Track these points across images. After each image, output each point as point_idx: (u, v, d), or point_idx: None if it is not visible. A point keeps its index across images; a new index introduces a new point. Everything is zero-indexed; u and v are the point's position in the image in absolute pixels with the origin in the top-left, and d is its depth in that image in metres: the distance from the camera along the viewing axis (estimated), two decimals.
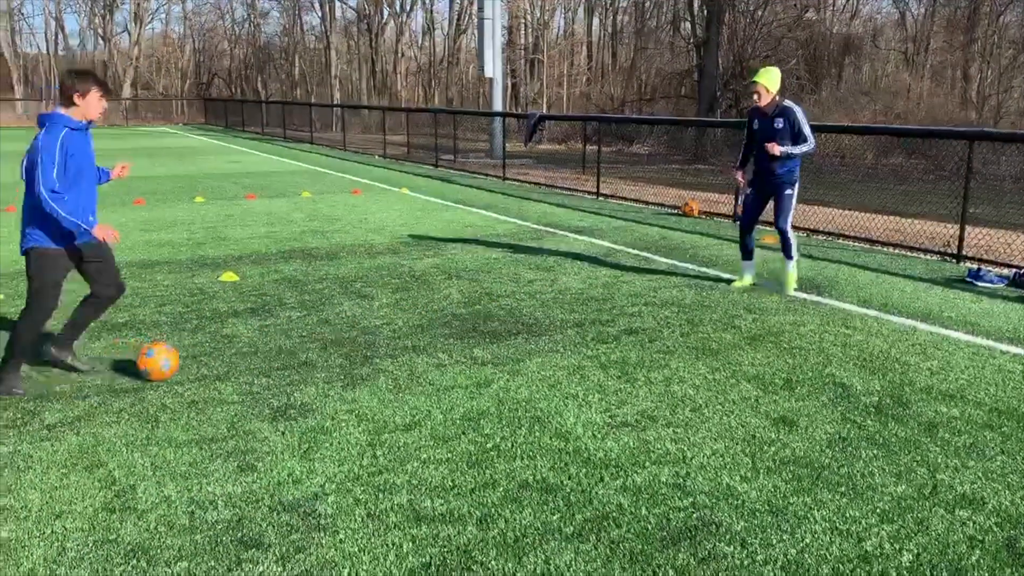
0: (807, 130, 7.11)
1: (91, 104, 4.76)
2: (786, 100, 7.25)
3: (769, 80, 7.18)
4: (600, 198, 14.39)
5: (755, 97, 7.27)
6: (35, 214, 4.70)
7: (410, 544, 3.27)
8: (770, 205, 7.52)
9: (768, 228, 8.14)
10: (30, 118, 42.78)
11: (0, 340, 5.87)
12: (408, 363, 5.42)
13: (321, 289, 7.44)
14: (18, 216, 5.09)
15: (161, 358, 5.00)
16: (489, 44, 22.41)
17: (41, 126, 4.70)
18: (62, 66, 53.85)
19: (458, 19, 45.46)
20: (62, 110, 4.73)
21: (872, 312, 6.76)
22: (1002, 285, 7.69)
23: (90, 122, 4.83)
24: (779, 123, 7.14)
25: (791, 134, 7.13)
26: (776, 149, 7.04)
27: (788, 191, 7.33)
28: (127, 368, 5.25)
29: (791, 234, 7.45)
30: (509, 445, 4.18)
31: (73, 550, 3.23)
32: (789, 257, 7.47)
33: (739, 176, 7.85)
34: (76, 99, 4.71)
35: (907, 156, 18.13)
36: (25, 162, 4.71)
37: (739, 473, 3.88)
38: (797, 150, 7.11)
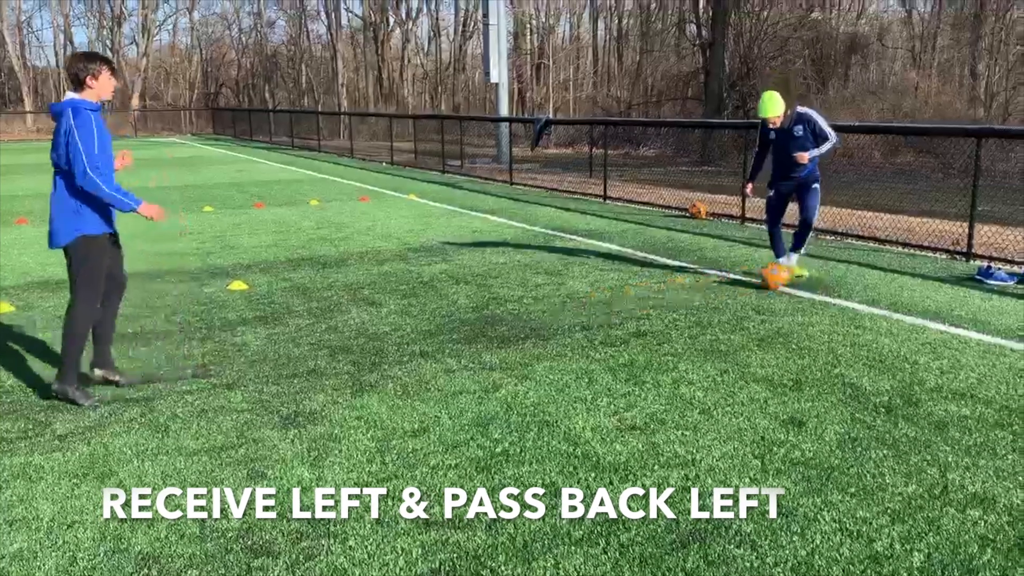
0: (827, 129, 7.36)
1: (103, 84, 4.75)
2: (799, 107, 7.41)
3: (776, 108, 7.44)
4: (607, 201, 14.39)
5: (773, 125, 7.42)
6: (76, 200, 4.70)
7: (419, 550, 3.28)
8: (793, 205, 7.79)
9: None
10: (40, 131, 43.09)
11: (10, 349, 5.92)
12: (416, 369, 5.43)
13: (329, 296, 7.47)
14: (43, 211, 5.06)
15: (783, 272, 6.93)
16: (495, 50, 22.45)
17: (59, 114, 4.64)
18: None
19: (463, 25, 45.62)
20: (76, 95, 4.69)
21: (881, 311, 6.73)
22: (1012, 283, 7.65)
23: (102, 103, 4.82)
24: (799, 130, 7.36)
25: (813, 137, 7.33)
26: (805, 158, 7.27)
27: (815, 185, 7.57)
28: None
29: (811, 230, 7.72)
30: (518, 450, 4.18)
31: (84, 560, 3.25)
32: (798, 248, 7.73)
33: (748, 189, 8.16)
34: (89, 81, 4.69)
35: (915, 154, 18.06)
36: (53, 150, 4.66)
37: (748, 475, 3.87)
38: (822, 151, 7.38)
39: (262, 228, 11.61)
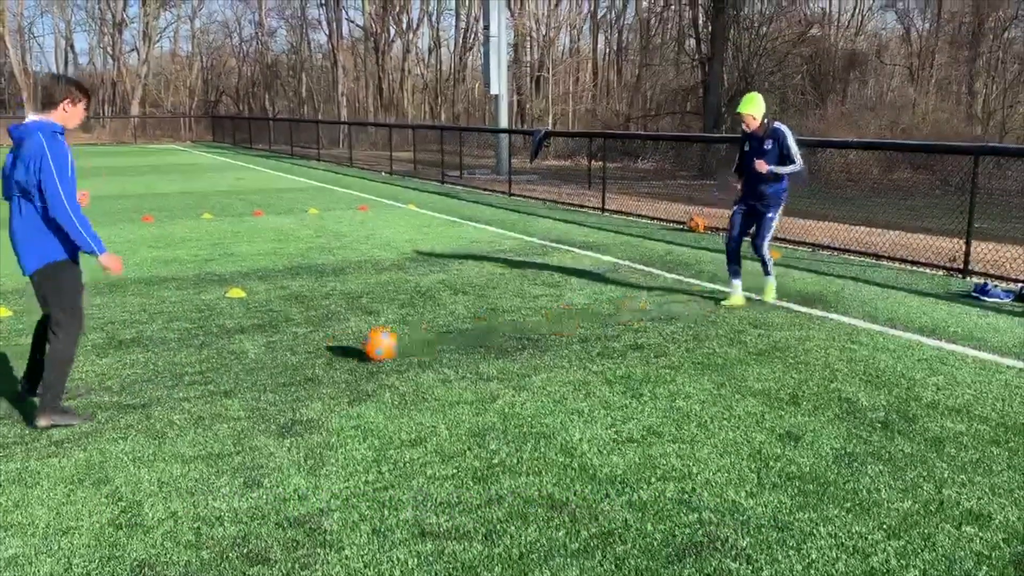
0: (794, 152, 7.25)
1: (77, 114, 4.62)
2: (775, 122, 7.38)
3: (754, 107, 7.29)
4: (606, 214, 14.42)
5: (744, 126, 7.38)
6: (41, 225, 4.49)
7: (415, 560, 3.28)
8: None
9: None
10: None
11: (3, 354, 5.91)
12: (414, 379, 5.43)
13: (327, 305, 7.47)
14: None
15: (383, 340, 5.62)
16: (495, 61, 22.52)
17: (25, 136, 4.45)
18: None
19: (464, 37, 45.77)
20: (45, 116, 4.53)
21: (878, 327, 6.75)
22: (1008, 300, 7.68)
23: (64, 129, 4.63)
24: (768, 144, 7.30)
25: (779, 155, 7.27)
26: (763, 167, 7.19)
27: (771, 214, 7.46)
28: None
29: (768, 256, 7.60)
30: (515, 461, 4.18)
31: (80, 566, 3.24)
32: (767, 275, 7.66)
33: (736, 182, 7.98)
34: (65, 105, 4.55)
35: (913, 171, 18.13)
36: (19, 173, 4.43)
37: (745, 489, 3.88)
38: (783, 170, 7.28)
39: (261, 236, 11.62)
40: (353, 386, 5.29)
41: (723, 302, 7.59)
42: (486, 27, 22.94)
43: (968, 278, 8.77)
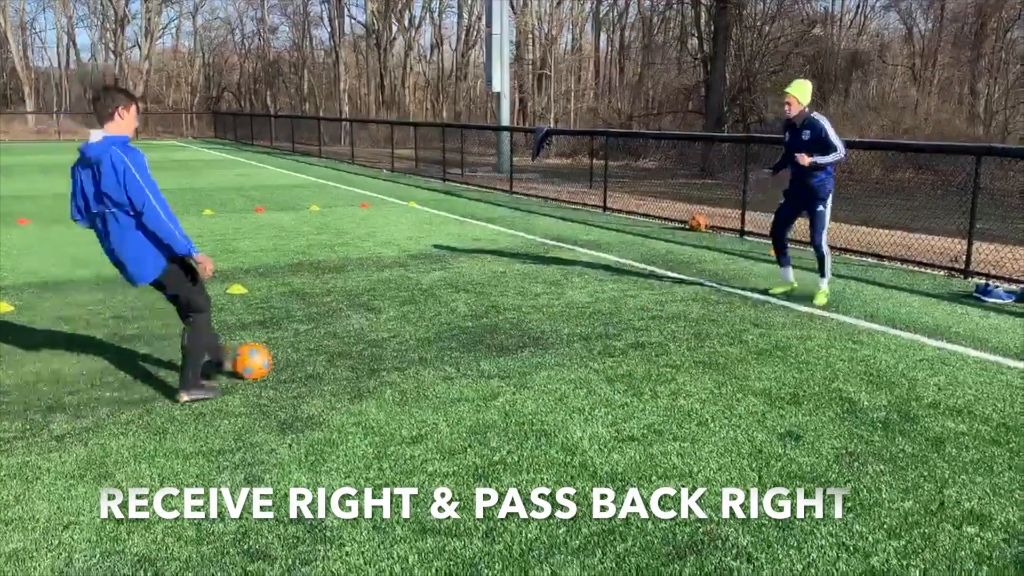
0: (835, 139, 7.27)
1: (132, 119, 4.66)
2: (813, 112, 7.40)
3: (800, 92, 7.41)
4: (607, 212, 14.42)
5: (786, 108, 7.45)
6: (147, 234, 4.65)
7: (416, 557, 3.28)
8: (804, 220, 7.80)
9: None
10: (41, 132, 43.08)
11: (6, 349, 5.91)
12: (415, 376, 5.43)
13: (329, 302, 7.47)
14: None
15: (258, 357, 5.32)
16: (497, 59, 22.52)
17: (101, 154, 4.47)
18: (79, 79, 54.26)
19: (466, 34, 45.78)
20: (107, 132, 4.56)
21: (879, 327, 6.75)
22: (1010, 301, 7.67)
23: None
24: (806, 134, 7.36)
25: (819, 145, 7.27)
26: (805, 160, 7.25)
27: (820, 207, 7.53)
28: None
29: (826, 250, 7.62)
30: (515, 458, 4.18)
31: (80, 561, 3.24)
32: (822, 275, 7.67)
33: (764, 172, 8.05)
34: (120, 112, 4.59)
35: (915, 171, 18.11)
36: (107, 187, 4.49)
37: (745, 488, 3.87)
38: (825, 159, 7.30)
39: (262, 232, 11.62)
40: (354, 383, 5.29)
41: (770, 290, 7.90)
42: (488, 25, 22.94)
43: (970, 278, 8.76)
